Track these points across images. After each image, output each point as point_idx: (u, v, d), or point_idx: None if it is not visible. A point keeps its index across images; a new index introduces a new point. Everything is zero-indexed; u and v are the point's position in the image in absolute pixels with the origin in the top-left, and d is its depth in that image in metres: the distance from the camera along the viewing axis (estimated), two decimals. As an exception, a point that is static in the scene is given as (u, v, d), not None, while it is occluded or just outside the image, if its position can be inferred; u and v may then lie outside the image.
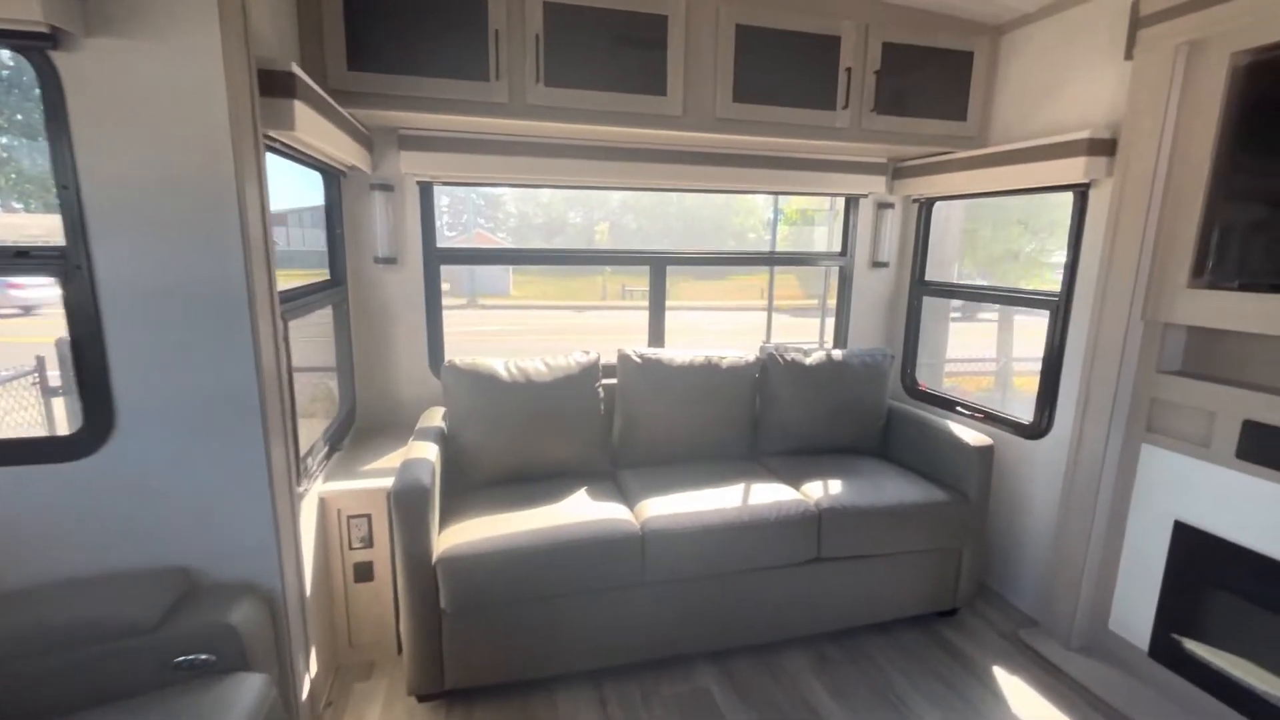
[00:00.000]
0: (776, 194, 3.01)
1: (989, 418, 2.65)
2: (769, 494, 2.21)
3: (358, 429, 2.48)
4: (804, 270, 4.80)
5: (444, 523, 2.00)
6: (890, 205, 3.03)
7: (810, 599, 2.21)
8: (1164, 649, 2.03)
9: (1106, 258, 2.08)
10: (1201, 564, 1.93)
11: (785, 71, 2.35)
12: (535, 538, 1.89)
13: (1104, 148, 2.09)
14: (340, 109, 1.90)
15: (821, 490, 2.26)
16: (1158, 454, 2.03)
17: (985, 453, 2.31)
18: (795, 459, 2.57)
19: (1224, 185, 1.82)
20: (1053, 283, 2.37)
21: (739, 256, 3.02)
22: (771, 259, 3.03)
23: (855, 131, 2.48)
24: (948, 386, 4.64)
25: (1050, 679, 2.13)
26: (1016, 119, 2.51)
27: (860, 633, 2.33)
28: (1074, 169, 2.13)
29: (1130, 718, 1.94)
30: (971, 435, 2.36)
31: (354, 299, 2.48)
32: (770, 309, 3.20)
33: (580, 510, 2.05)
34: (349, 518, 2.05)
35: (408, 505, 1.78)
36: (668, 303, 2.91)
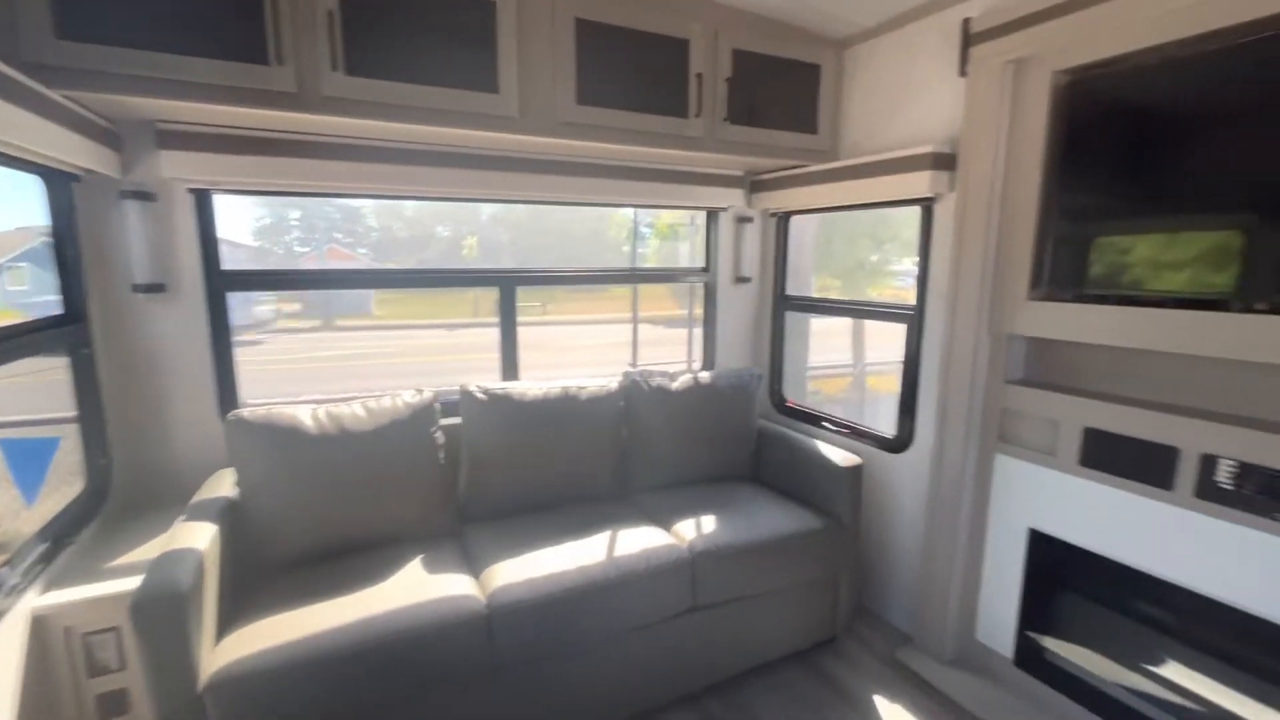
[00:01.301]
0: (634, 206, 2.82)
1: (855, 433, 2.62)
2: (638, 540, 1.98)
3: (111, 509, 1.91)
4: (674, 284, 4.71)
5: (228, 626, 1.55)
6: (749, 219, 2.96)
7: (689, 652, 2.00)
8: (1027, 657, 2.05)
9: (954, 271, 2.09)
10: (1056, 571, 1.96)
11: (633, 74, 2.15)
12: (343, 636, 1.49)
13: (946, 162, 2.10)
14: (43, 89, 1.41)
15: (694, 530, 2.06)
16: (1011, 463, 2.06)
17: (855, 473, 2.25)
18: (666, 494, 2.36)
19: (1054, 201, 1.87)
20: (897, 291, 2.37)
21: (597, 275, 2.81)
22: (633, 276, 2.85)
23: (710, 141, 2.34)
24: (811, 391, 4.74)
25: (925, 699, 2.08)
26: (865, 133, 2.51)
27: (743, 680, 2.16)
28: (919, 183, 2.13)
29: (1002, 733, 1.92)
30: (841, 455, 2.30)
31: (103, 338, 1.92)
32: (635, 328, 3.01)
33: (410, 590, 1.68)
34: (86, 636, 1.53)
35: (154, 619, 1.32)
36: (543, 319, 2.63)
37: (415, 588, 1.69)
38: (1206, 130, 1.60)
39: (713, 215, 2.93)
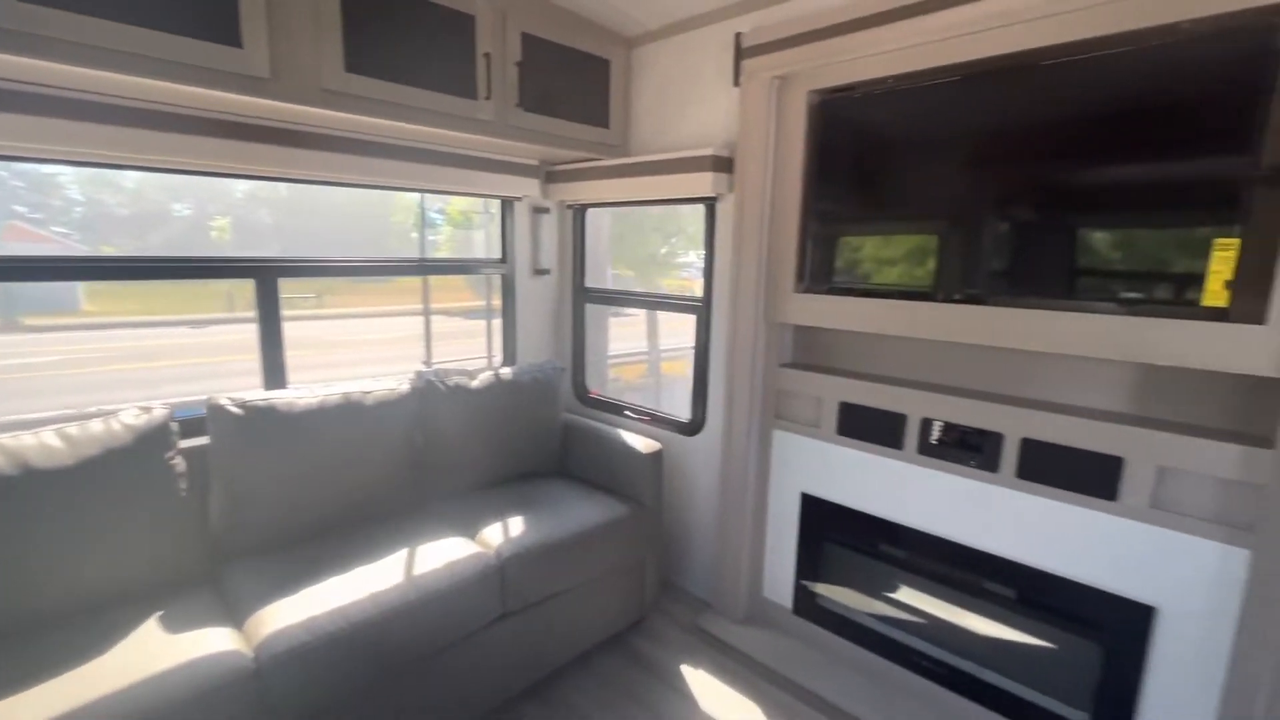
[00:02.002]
0: (421, 191, 2.60)
1: (654, 419, 2.75)
2: (441, 553, 1.84)
3: None
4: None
5: None
6: (546, 210, 2.91)
7: (504, 659, 1.92)
8: (803, 605, 2.34)
9: (735, 266, 2.28)
10: (822, 526, 2.26)
11: (414, 46, 1.96)
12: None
13: (725, 165, 2.28)
14: None
15: (502, 534, 1.98)
16: (786, 437, 2.32)
17: (656, 458, 2.35)
18: (470, 498, 2.24)
19: (812, 206, 2.13)
20: (684, 281, 2.53)
21: (380, 265, 2.54)
22: (422, 266, 2.63)
23: (502, 127, 2.24)
24: (612, 379, 4.88)
25: (724, 658, 2.27)
26: (653, 131, 2.61)
27: (560, 675, 2.15)
28: (702, 184, 2.28)
29: (783, 673, 2.17)
30: (642, 442, 2.39)
31: None
32: (428, 322, 2.80)
33: (144, 660, 1.35)
34: None
35: None
36: (319, 313, 2.26)
37: (152, 656, 1.36)
38: (913, 151, 1.94)
39: (508, 204, 2.83)
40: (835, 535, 2.23)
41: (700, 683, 2.14)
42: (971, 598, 1.94)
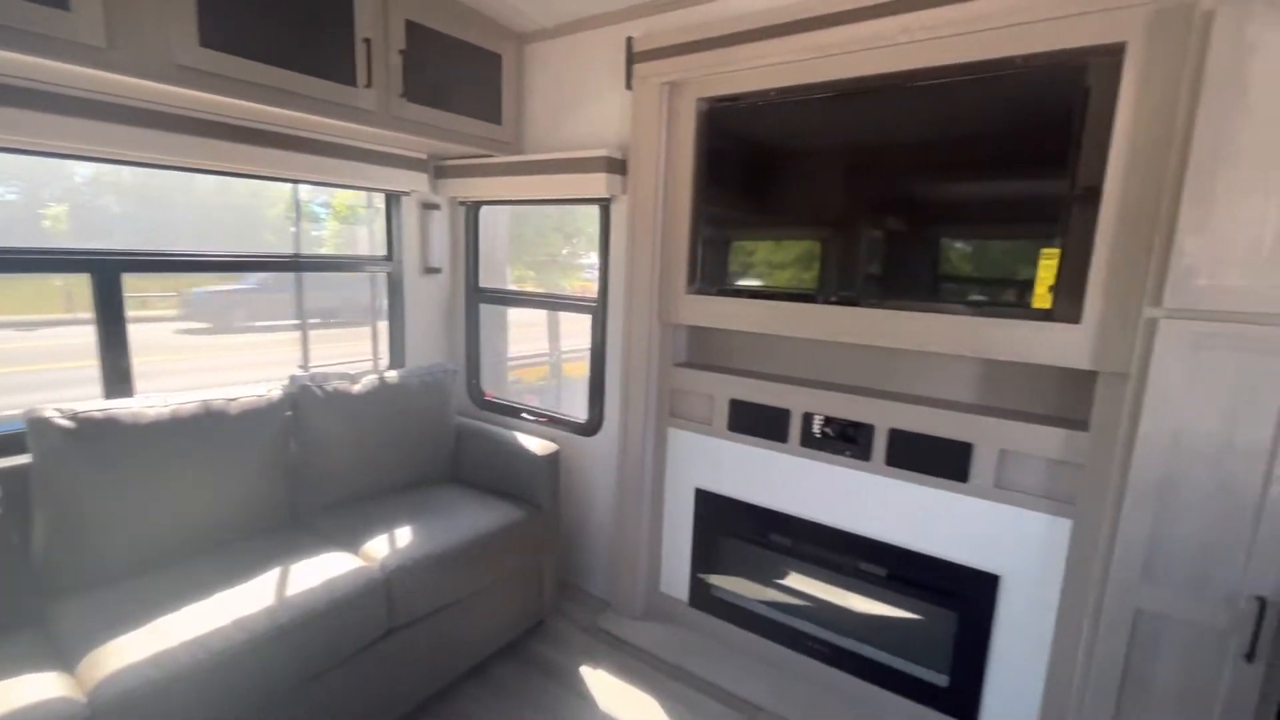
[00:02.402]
0: (295, 182, 2.42)
1: (552, 421, 2.72)
2: (318, 571, 1.72)
3: None
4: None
5: None
6: (436, 206, 2.80)
7: (392, 676, 1.82)
8: (698, 597, 2.41)
9: (629, 267, 2.31)
10: (716, 520, 2.34)
11: (284, 25, 1.81)
12: None
13: (619, 167, 2.30)
14: None
15: (388, 546, 1.88)
16: (681, 435, 2.38)
17: (552, 459, 2.33)
18: (353, 510, 2.11)
19: (703, 210, 2.19)
20: (586, 283, 2.54)
21: (248, 261, 2.32)
22: (296, 263, 2.44)
23: (385, 118, 2.13)
24: (512, 381, 4.78)
25: (623, 656, 2.29)
26: (547, 130, 2.58)
27: (456, 686, 2.07)
28: (596, 184, 2.28)
29: (680, 666, 2.23)
30: (538, 444, 2.35)
31: None
32: (304, 324, 2.59)
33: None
34: None
35: None
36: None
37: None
38: (795, 161, 2.05)
39: (394, 199, 2.69)
40: (728, 528, 2.32)
41: (600, 683, 2.15)
42: (850, 579, 2.09)
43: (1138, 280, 1.48)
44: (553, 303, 2.95)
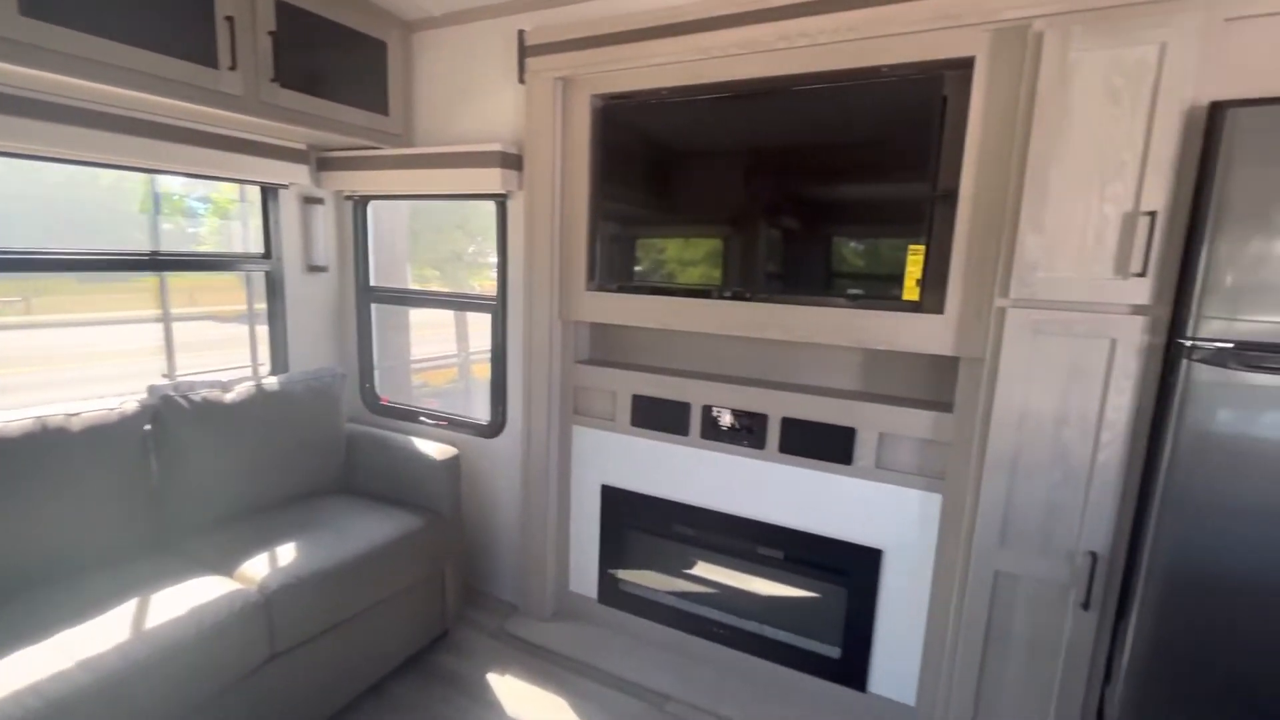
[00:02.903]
0: (153, 172, 2.19)
1: (452, 423, 2.64)
2: (184, 598, 1.57)
3: None
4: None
5: None
6: (320, 200, 2.63)
7: (277, 705, 1.70)
8: (607, 592, 2.42)
9: (528, 264, 2.27)
10: (622, 515, 2.35)
11: (124, -4, 1.63)
12: None
13: (514, 162, 2.25)
14: None
15: (268, 566, 1.75)
16: (585, 432, 2.37)
17: (452, 464, 2.26)
18: (230, 530, 1.94)
19: (600, 207, 2.19)
20: (491, 282, 2.48)
21: (99, 259, 2.07)
22: (156, 262, 2.21)
23: (254, 104, 1.97)
24: (418, 385, 4.59)
25: (532, 658, 2.26)
26: (438, 122, 2.49)
27: (352, 710, 1.95)
28: (491, 179, 2.23)
29: (589, 662, 2.23)
30: (437, 448, 2.27)
31: None
32: (167, 327, 2.35)
33: None
34: None
35: None
36: (27, 321, 1.77)
37: None
38: (686, 160, 2.09)
39: (271, 192, 2.50)
40: (634, 522, 2.34)
41: (507, 688, 2.11)
42: (750, 563, 2.17)
43: (990, 273, 1.63)
44: (450, 302, 2.85)
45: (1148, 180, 1.40)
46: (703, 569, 2.29)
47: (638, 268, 2.19)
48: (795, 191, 1.93)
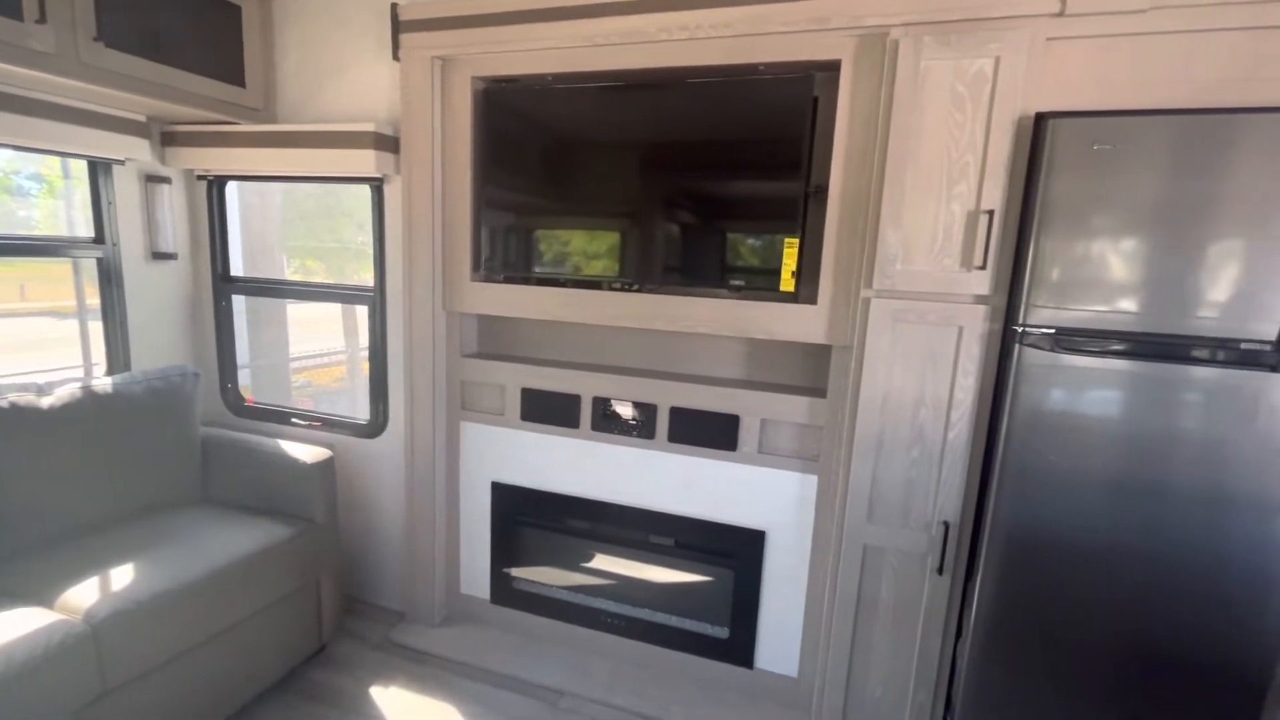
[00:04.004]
0: (-61, 139, 1.85)
1: (328, 424, 2.46)
2: (-14, 635, 1.35)
3: None
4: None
5: None
6: (166, 180, 2.35)
7: (106, 751, 1.50)
8: (501, 592, 2.36)
9: (407, 252, 2.15)
10: (514, 512, 2.30)
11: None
12: None
13: (390, 144, 2.12)
14: None
15: (97, 592, 1.54)
16: (473, 428, 2.29)
17: (325, 467, 2.10)
18: (52, 554, 1.69)
19: (484, 193, 2.11)
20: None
21: None
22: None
23: (73, 65, 1.72)
24: (302, 384, 4.25)
25: (420, 667, 2.16)
26: (305, 97, 2.29)
27: (204, 743, 1.77)
28: (365, 161, 2.09)
29: (481, 665, 2.16)
30: (308, 451, 2.11)
31: None
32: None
33: None
34: None
35: None
36: None
37: None
38: (572, 148, 2.05)
39: (103, 168, 2.20)
40: (527, 518, 2.29)
41: (391, 700, 2.00)
42: (643, 552, 2.19)
43: (857, 266, 1.73)
44: (321, 293, 2.65)
45: (987, 181, 1.54)
46: (597, 561, 2.29)
47: (526, 258, 2.14)
48: (681, 185, 1.95)
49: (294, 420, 2.49)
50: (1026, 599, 1.61)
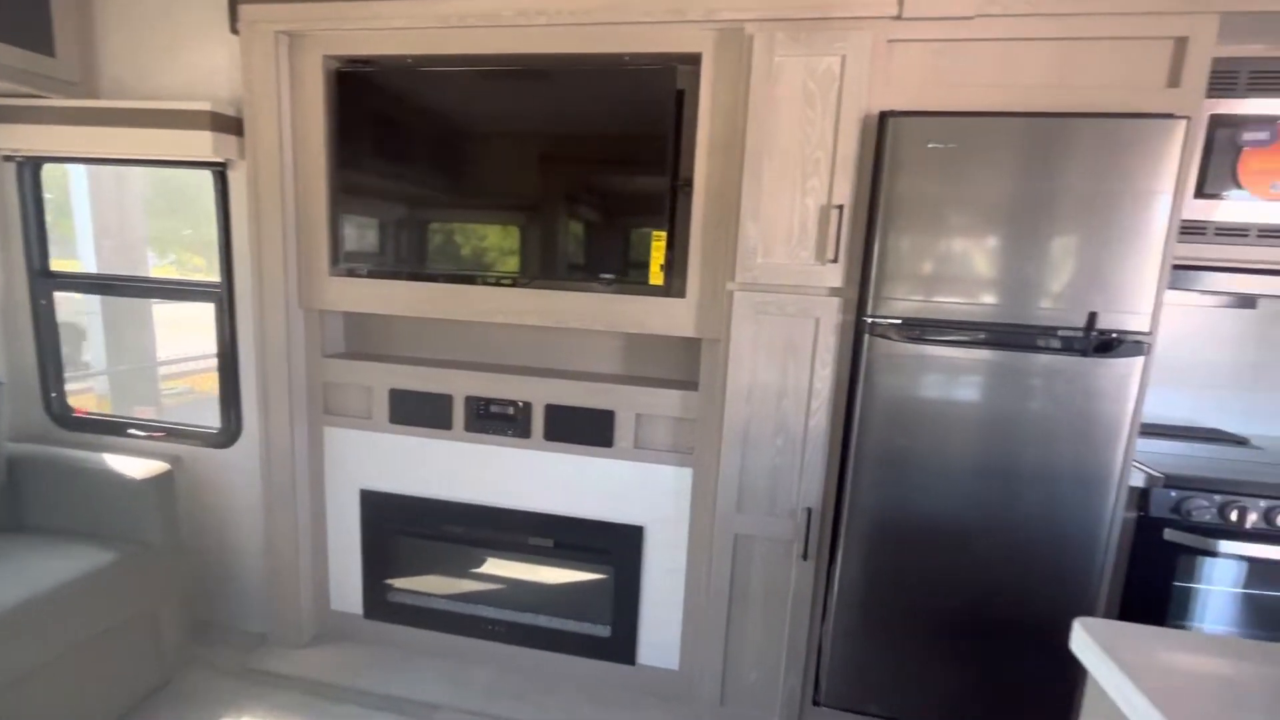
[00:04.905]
0: None
1: (172, 434, 2.23)
2: None
3: None
4: None
5: None
6: (-40, 159, 2.04)
7: None
8: (375, 606, 2.22)
9: (255, 245, 1.97)
10: (388, 521, 2.17)
11: None
12: None
13: (232, 125, 1.94)
14: None
15: None
16: (339, 433, 2.14)
17: (161, 482, 1.90)
18: None
19: (342, 180, 1.97)
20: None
21: None
22: None
23: None
24: (177, 391, 3.85)
25: (283, 693, 2.00)
26: (136, 74, 2.05)
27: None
28: (201, 144, 1.89)
29: (354, 686, 2.03)
30: (142, 466, 1.90)
31: None
32: None
33: None
34: None
35: None
36: None
37: None
38: (451, 139, 1.93)
39: None
40: (400, 527, 2.17)
41: (246, 733, 1.84)
42: (523, 555, 2.13)
43: (723, 259, 1.74)
44: (160, 289, 2.39)
45: (837, 177, 1.58)
46: (475, 567, 2.20)
47: (391, 252, 2.01)
48: (553, 177, 1.89)
49: (131, 431, 2.23)
50: (884, 578, 1.68)
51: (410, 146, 1.97)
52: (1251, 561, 1.58)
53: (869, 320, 1.59)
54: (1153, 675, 0.75)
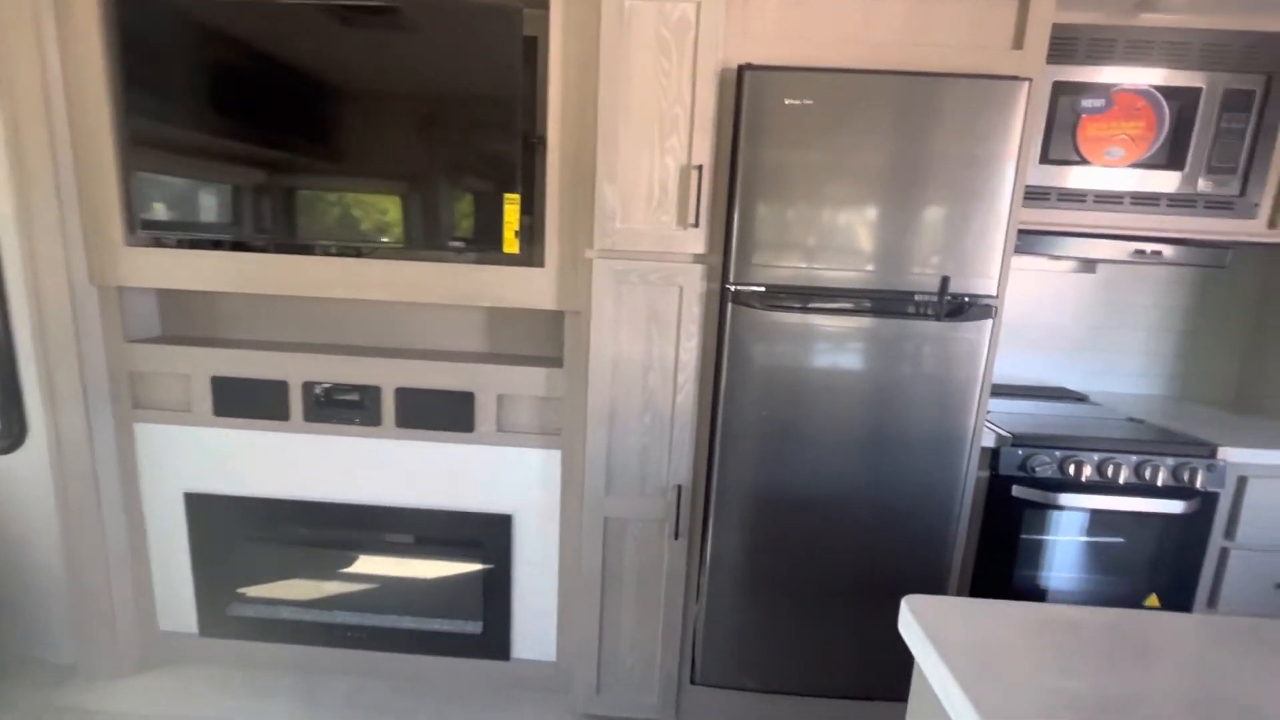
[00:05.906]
0: None
1: (-65, 440, 1.84)
2: None
3: None
4: None
5: None
6: None
7: None
8: (212, 623, 1.97)
9: (20, 209, 1.63)
10: (218, 526, 1.91)
11: None
12: None
13: (-23, 60, 1.57)
14: None
15: None
16: (153, 430, 1.85)
17: (-95, 500, 1.55)
18: None
19: (133, 130, 1.65)
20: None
21: None
22: None
23: None
24: None
25: (98, 732, 1.73)
26: None
27: None
28: (-70, 80, 1.52)
29: (184, 714, 1.79)
30: (-124, 481, 1.54)
31: None
32: None
33: None
34: None
35: None
36: None
37: None
38: (272, 81, 1.64)
39: None
40: (236, 531, 1.92)
41: (39, 785, 1.56)
42: (380, 553, 1.94)
43: (582, 224, 1.61)
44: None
45: (696, 135, 1.48)
46: (328, 571, 1.99)
47: (205, 215, 1.72)
48: (392, 129, 1.67)
49: (-123, 440, 1.83)
50: (755, 551, 1.65)
51: (221, 91, 1.67)
52: (1091, 512, 1.67)
53: (732, 288, 1.51)
54: (965, 654, 0.72)
